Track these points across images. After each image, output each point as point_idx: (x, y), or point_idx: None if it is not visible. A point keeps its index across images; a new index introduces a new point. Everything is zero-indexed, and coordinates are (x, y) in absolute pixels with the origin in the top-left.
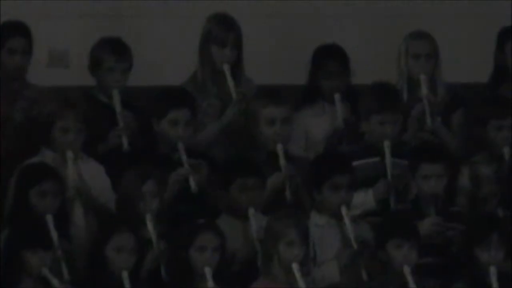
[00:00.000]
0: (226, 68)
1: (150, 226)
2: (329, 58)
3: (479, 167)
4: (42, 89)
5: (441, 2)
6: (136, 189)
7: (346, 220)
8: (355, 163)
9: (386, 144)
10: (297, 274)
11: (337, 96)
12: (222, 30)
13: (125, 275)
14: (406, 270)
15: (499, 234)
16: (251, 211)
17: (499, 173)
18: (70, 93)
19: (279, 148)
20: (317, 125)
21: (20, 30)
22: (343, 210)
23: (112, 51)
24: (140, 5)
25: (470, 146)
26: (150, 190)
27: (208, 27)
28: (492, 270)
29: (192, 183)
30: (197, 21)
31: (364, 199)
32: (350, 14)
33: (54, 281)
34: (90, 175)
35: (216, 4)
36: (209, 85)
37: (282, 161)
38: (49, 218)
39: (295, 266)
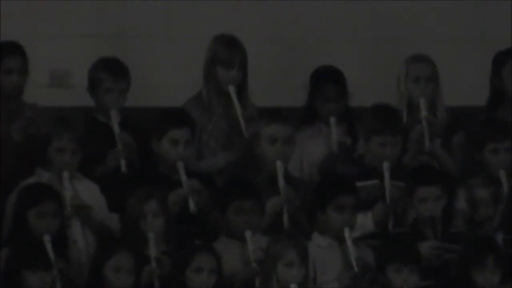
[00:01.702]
0: (232, 90)
1: (152, 244)
2: (327, 81)
3: (476, 190)
4: (41, 109)
5: (440, 26)
6: (138, 208)
7: (349, 242)
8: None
9: (386, 166)
10: None
11: (332, 119)
12: (229, 52)
13: None
14: None
15: (494, 257)
16: (248, 234)
17: (496, 196)
18: (70, 113)
19: (279, 165)
20: (314, 146)
21: (16, 49)
22: (346, 232)
23: (109, 72)
24: (141, 26)
25: (468, 168)
26: (152, 209)
27: (214, 48)
28: None
29: (191, 203)
30: (198, 42)
31: (363, 221)
32: (350, 37)
33: None
34: (86, 194)
35: (216, 26)
36: (214, 106)
37: (281, 181)
38: (47, 239)
39: (293, 287)
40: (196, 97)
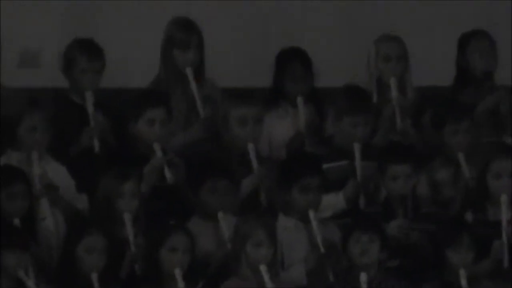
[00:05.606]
0: (189, 72)
1: (128, 225)
2: (292, 62)
3: (436, 172)
4: (11, 89)
5: (409, 5)
6: (116, 188)
7: (314, 223)
8: (324, 166)
9: (357, 147)
10: (265, 276)
11: (299, 100)
12: (185, 34)
13: (94, 276)
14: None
15: (470, 236)
16: (220, 215)
17: (457, 177)
18: (41, 94)
19: (251, 148)
20: (280, 127)
21: None
22: (311, 213)
23: (84, 52)
24: (113, 6)
25: (429, 150)
26: (130, 189)
27: (170, 31)
28: (462, 272)
29: (168, 174)
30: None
31: (335, 200)
32: (318, 17)
33: (30, 282)
34: (53, 176)
35: (185, 7)
36: (173, 89)
37: (254, 162)
38: (17, 222)
39: (263, 268)
40: (154, 81)
